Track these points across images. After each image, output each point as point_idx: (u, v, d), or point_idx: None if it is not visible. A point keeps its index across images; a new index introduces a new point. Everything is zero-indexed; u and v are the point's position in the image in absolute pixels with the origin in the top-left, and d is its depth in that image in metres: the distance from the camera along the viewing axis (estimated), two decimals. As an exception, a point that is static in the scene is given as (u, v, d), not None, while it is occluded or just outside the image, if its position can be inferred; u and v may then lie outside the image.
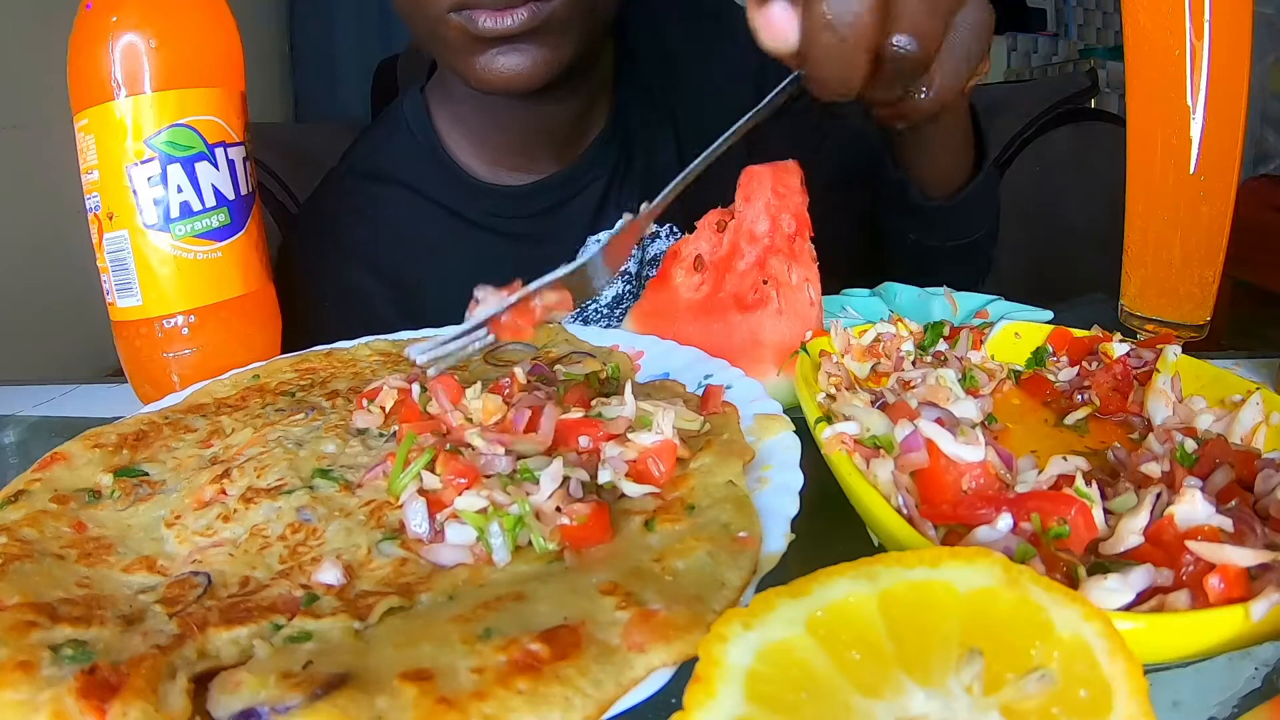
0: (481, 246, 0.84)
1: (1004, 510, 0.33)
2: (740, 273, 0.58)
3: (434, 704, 0.26)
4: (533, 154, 0.84)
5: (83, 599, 0.34)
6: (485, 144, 0.84)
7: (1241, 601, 0.27)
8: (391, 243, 0.84)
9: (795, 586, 0.27)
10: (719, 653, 0.25)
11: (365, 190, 0.86)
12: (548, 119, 0.81)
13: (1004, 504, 0.33)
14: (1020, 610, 0.25)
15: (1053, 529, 0.32)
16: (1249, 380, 0.44)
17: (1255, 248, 1.23)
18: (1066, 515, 0.32)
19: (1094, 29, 3.55)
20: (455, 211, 0.84)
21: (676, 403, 0.45)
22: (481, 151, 0.85)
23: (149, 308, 0.60)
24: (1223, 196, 0.59)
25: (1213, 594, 0.28)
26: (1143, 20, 0.58)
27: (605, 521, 0.35)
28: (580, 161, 0.85)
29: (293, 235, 0.90)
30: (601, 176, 0.86)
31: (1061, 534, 0.32)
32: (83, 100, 0.58)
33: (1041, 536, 0.32)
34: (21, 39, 1.36)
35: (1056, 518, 0.32)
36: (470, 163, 0.85)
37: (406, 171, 0.85)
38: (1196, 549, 0.29)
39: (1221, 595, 0.28)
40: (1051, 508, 0.32)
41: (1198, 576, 0.29)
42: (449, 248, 0.84)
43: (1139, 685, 0.23)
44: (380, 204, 0.85)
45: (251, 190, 0.64)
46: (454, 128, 0.85)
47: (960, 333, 0.54)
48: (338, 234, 0.86)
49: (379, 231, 0.84)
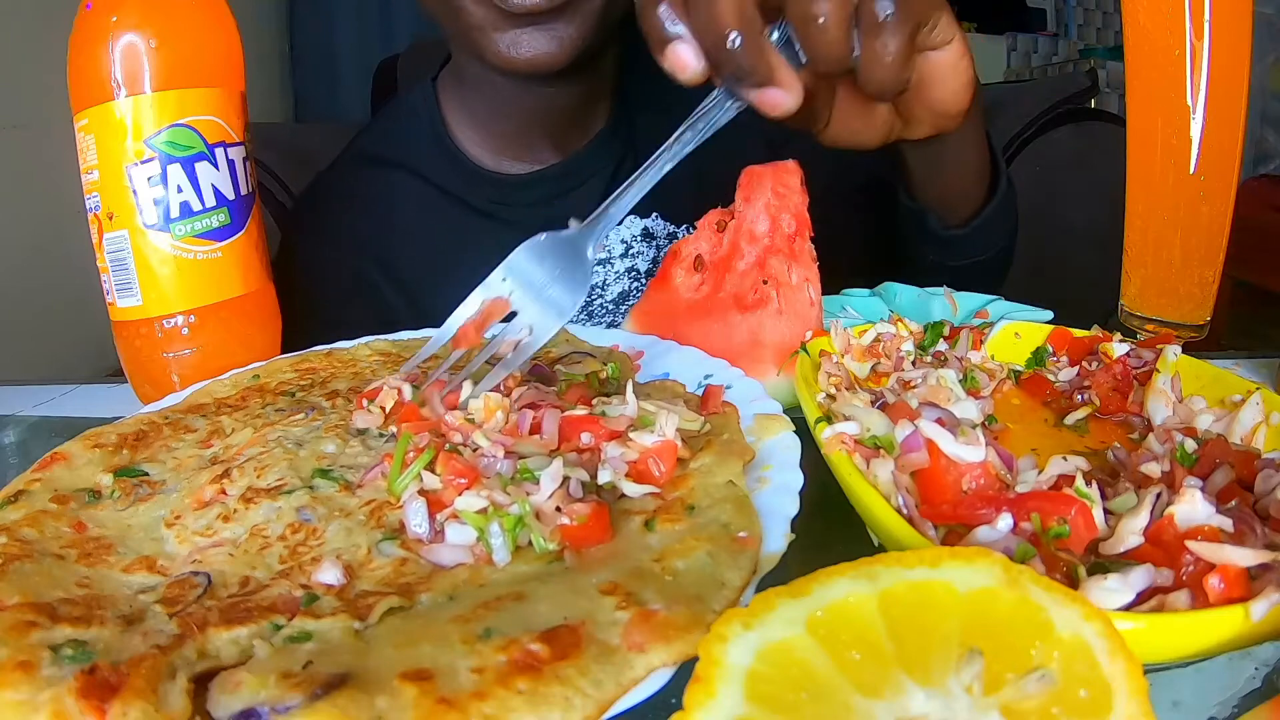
0: (482, 232, 0.85)
1: (1004, 510, 0.33)
2: (740, 273, 0.58)
3: (434, 704, 0.26)
4: (536, 144, 0.85)
5: (83, 599, 0.34)
6: (491, 133, 0.86)
7: (1241, 601, 0.27)
8: (394, 226, 0.85)
9: (795, 586, 0.27)
10: (719, 653, 0.25)
11: (370, 174, 0.88)
12: (553, 109, 0.83)
13: (1004, 504, 0.33)
14: (1020, 610, 0.25)
15: (1053, 529, 0.32)
16: (1249, 380, 0.44)
17: (1255, 248, 1.24)
18: (1067, 515, 0.32)
19: (1094, 29, 3.55)
20: (459, 197, 0.85)
21: (677, 403, 0.45)
22: (487, 140, 0.86)
23: (149, 308, 0.60)
24: (1223, 196, 0.59)
25: (1213, 594, 0.28)
26: (1143, 20, 0.58)
27: (605, 521, 0.35)
28: (581, 154, 0.86)
29: (294, 215, 0.91)
30: (601, 171, 0.87)
31: (1061, 534, 0.32)
32: (83, 100, 0.58)
33: (1041, 536, 0.32)
34: (21, 39, 1.36)
35: (1057, 518, 0.32)
36: (475, 151, 0.86)
37: (412, 157, 0.86)
38: (1196, 549, 0.29)
39: (1221, 595, 0.28)
40: (1052, 508, 0.32)
41: (1198, 576, 0.29)
42: (450, 232, 0.85)
43: (1139, 685, 0.23)
44: (385, 188, 0.86)
45: (251, 190, 0.64)
46: (461, 117, 0.86)
47: (960, 333, 0.54)
48: (341, 216, 0.87)
49: (382, 215, 0.85)
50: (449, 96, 0.87)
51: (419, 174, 0.86)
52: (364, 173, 0.88)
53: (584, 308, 0.86)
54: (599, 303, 0.87)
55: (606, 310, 0.88)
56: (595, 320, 0.87)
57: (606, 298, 0.87)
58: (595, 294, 0.87)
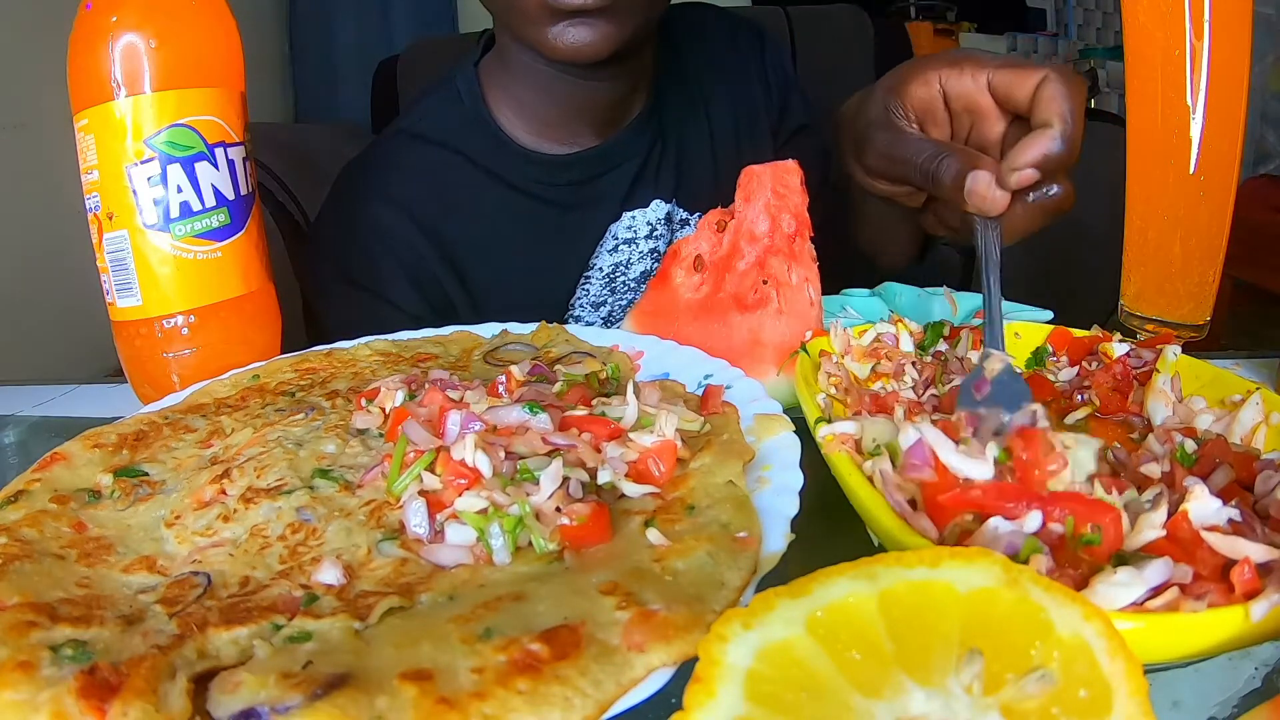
0: (520, 208, 0.90)
1: (1034, 506, 0.32)
2: (740, 273, 0.58)
3: (434, 704, 0.26)
4: (575, 127, 0.91)
5: (83, 599, 0.34)
6: (533, 116, 0.91)
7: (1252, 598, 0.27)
8: (437, 199, 0.90)
9: (795, 586, 0.26)
10: (719, 652, 0.25)
11: (414, 149, 0.92)
12: (593, 96, 0.88)
13: (1035, 500, 0.32)
14: (1020, 610, 0.25)
15: (1085, 535, 0.31)
16: (1249, 380, 0.44)
17: (1255, 248, 1.24)
18: (1101, 522, 0.31)
19: (1094, 29, 3.55)
20: (499, 175, 0.90)
21: (677, 404, 0.45)
22: (529, 124, 0.91)
23: (148, 308, 0.60)
24: (1223, 196, 0.59)
25: (1240, 585, 0.28)
26: (1143, 20, 0.58)
27: (605, 521, 0.35)
28: (617, 138, 0.92)
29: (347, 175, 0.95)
30: (635, 156, 0.92)
31: (1093, 541, 0.31)
32: (82, 100, 0.58)
33: (1071, 541, 0.31)
34: (21, 39, 1.36)
35: (1091, 524, 0.31)
36: (517, 133, 0.91)
37: (455, 136, 0.91)
38: (1213, 541, 0.29)
39: (1248, 585, 0.28)
40: (1087, 513, 0.31)
41: (1216, 571, 0.29)
42: (491, 208, 0.90)
43: (1139, 685, 0.23)
44: (431, 163, 0.91)
45: (251, 190, 0.64)
46: (504, 99, 0.92)
47: (960, 333, 0.54)
48: (391, 178, 0.91)
49: (425, 188, 0.90)
50: (492, 82, 0.92)
51: (462, 153, 0.91)
52: (414, 146, 0.93)
53: (608, 284, 0.92)
54: (622, 280, 0.93)
55: (629, 287, 0.93)
56: (619, 296, 0.93)
57: (630, 275, 0.93)
58: (620, 271, 0.92)
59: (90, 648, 0.30)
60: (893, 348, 0.53)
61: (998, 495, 0.33)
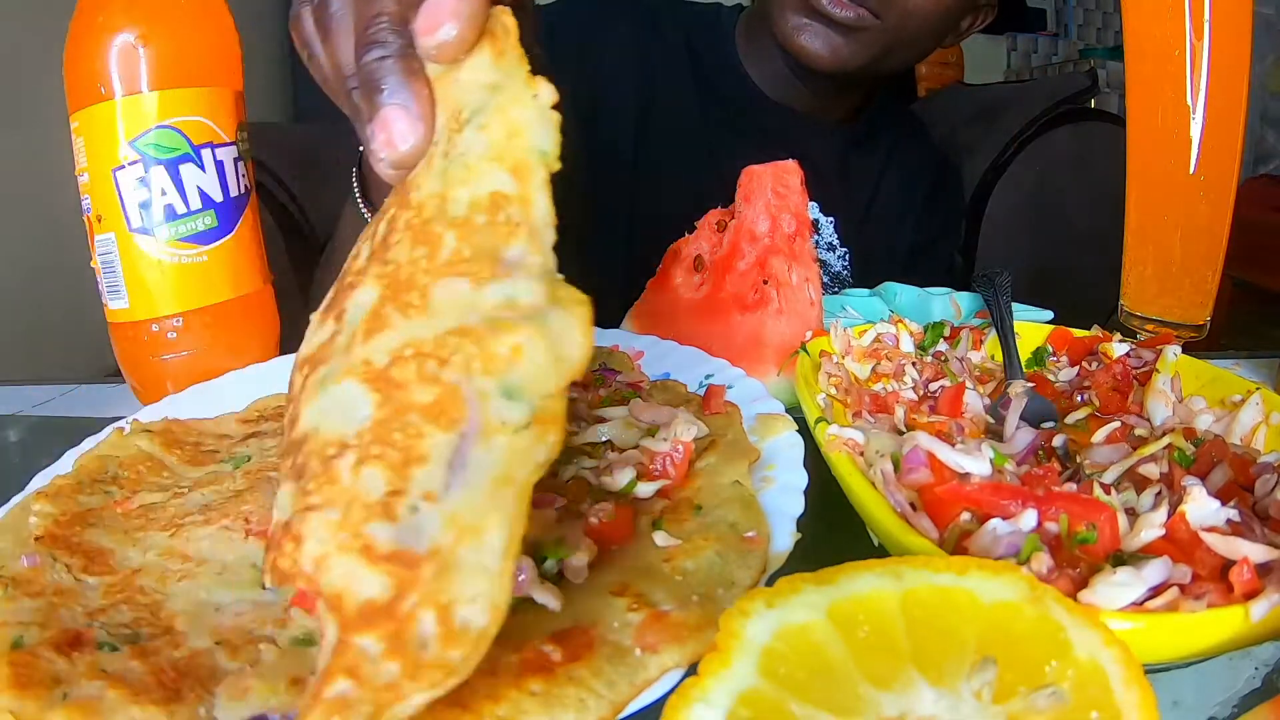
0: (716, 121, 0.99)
1: (1030, 505, 0.32)
2: (740, 273, 0.58)
3: (446, 706, 0.26)
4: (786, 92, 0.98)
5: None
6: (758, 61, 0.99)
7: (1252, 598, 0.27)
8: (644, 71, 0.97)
9: (822, 575, 0.27)
10: (739, 626, 0.25)
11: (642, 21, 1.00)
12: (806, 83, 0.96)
13: (1031, 499, 0.32)
14: (1040, 627, 0.25)
15: (1080, 534, 0.31)
16: (1249, 380, 0.45)
17: (1255, 248, 1.24)
18: (1096, 520, 0.31)
19: (1094, 29, 3.55)
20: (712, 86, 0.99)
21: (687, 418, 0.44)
22: (753, 66, 1.00)
23: (135, 310, 0.59)
24: (1223, 196, 0.59)
25: (1239, 585, 0.28)
26: (1143, 20, 0.59)
27: (630, 521, 0.35)
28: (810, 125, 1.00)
29: None
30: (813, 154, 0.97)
31: (1088, 540, 0.31)
32: (75, 102, 0.58)
33: (1066, 540, 0.31)
34: (21, 39, 1.36)
35: (1085, 523, 0.31)
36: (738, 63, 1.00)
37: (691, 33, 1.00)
38: (1212, 541, 0.29)
39: (1247, 586, 0.28)
40: (1081, 511, 0.32)
41: (1215, 571, 0.29)
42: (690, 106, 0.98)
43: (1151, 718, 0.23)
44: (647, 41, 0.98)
45: (244, 191, 0.62)
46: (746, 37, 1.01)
47: (961, 333, 0.54)
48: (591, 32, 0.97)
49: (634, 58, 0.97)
50: (746, 23, 1.01)
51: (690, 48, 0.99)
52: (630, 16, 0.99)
53: None
54: None
55: None
56: None
57: None
58: None
59: None
60: (893, 348, 0.53)
61: (994, 493, 0.33)
